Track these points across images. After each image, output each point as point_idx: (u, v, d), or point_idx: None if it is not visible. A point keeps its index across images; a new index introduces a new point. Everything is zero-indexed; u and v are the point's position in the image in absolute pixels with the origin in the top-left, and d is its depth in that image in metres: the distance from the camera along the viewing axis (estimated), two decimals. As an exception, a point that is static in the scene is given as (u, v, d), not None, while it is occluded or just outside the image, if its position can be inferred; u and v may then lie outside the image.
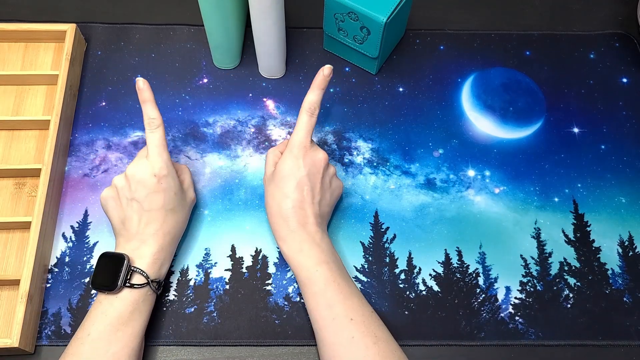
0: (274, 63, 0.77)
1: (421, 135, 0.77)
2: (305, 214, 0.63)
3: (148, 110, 0.63)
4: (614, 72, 0.81)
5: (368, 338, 0.57)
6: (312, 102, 0.65)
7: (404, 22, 0.80)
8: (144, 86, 0.64)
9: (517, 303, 0.68)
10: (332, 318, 0.58)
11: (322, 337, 0.59)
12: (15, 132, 0.75)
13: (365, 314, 0.59)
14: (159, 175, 0.62)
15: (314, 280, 0.60)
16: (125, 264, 0.59)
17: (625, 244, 0.71)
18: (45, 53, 0.80)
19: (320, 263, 0.60)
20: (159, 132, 0.63)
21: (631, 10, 0.87)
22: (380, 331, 0.58)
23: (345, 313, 0.58)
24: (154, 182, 0.62)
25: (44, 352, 0.64)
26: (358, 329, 0.57)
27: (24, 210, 0.70)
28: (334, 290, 0.59)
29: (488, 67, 0.82)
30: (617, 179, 0.74)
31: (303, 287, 0.61)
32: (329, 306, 0.59)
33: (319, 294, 0.59)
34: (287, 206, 0.63)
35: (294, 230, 0.62)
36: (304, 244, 0.62)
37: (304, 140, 0.65)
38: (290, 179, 0.64)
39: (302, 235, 0.62)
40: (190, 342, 0.65)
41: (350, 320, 0.58)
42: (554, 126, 0.78)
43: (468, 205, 0.73)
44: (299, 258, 0.61)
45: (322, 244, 0.62)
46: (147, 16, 0.84)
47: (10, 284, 0.66)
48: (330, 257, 0.62)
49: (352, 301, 0.59)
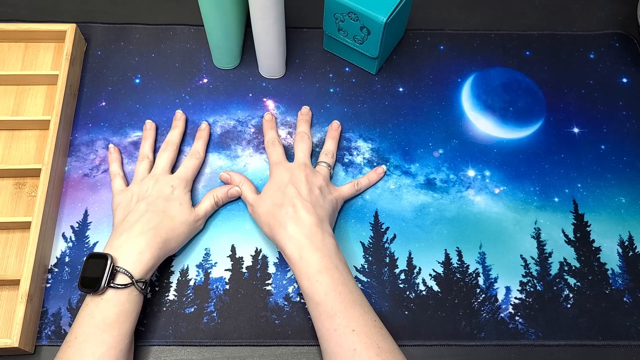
0: (274, 63, 0.77)
1: (421, 135, 0.77)
2: (299, 215, 0.62)
3: (199, 147, 0.73)
4: (614, 72, 0.81)
5: (371, 350, 0.56)
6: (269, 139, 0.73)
7: (404, 22, 0.80)
8: (205, 128, 0.75)
9: (517, 303, 0.68)
10: (334, 329, 0.57)
11: (324, 348, 0.58)
12: (15, 132, 0.75)
13: (367, 323, 0.57)
14: (175, 186, 0.67)
15: (315, 290, 0.59)
16: (108, 264, 0.58)
17: (625, 244, 0.71)
18: (45, 53, 0.80)
19: (322, 271, 0.59)
20: (196, 162, 0.72)
21: (631, 10, 0.87)
22: (383, 342, 0.57)
23: (346, 323, 0.57)
24: (169, 192, 0.66)
25: (44, 352, 0.64)
26: (360, 340, 0.56)
27: (24, 210, 0.70)
28: (335, 300, 0.58)
29: (488, 67, 0.82)
30: (617, 179, 0.74)
31: (305, 296, 0.60)
32: (330, 317, 0.57)
33: (321, 304, 0.58)
34: (281, 212, 0.63)
35: (292, 235, 0.61)
36: (303, 249, 0.60)
37: (281, 160, 0.70)
38: (277, 192, 0.65)
39: (301, 240, 0.61)
40: (190, 342, 0.65)
41: (352, 332, 0.56)
42: (554, 126, 0.78)
43: (468, 205, 0.73)
44: (299, 266, 0.60)
45: (323, 247, 0.61)
46: (147, 16, 0.84)
47: (10, 284, 0.66)
48: (333, 261, 0.60)
49: (354, 310, 0.58)
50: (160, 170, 0.69)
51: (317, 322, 0.59)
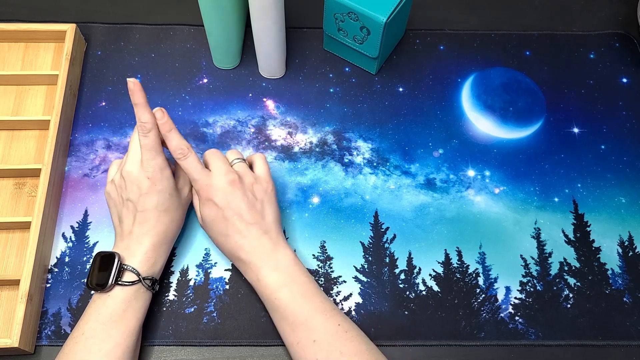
0: (274, 63, 0.77)
1: (421, 135, 0.77)
2: (241, 243, 0.61)
3: (140, 113, 0.61)
4: (614, 72, 0.81)
5: (332, 356, 0.56)
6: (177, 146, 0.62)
7: (404, 22, 0.80)
8: (134, 87, 0.61)
9: (517, 303, 0.68)
10: (297, 342, 0.58)
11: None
12: (15, 132, 0.75)
13: (329, 330, 0.57)
14: (152, 178, 0.62)
15: (276, 307, 0.59)
16: (116, 262, 0.59)
17: (625, 244, 0.71)
18: (45, 53, 0.80)
19: (280, 288, 0.59)
20: (152, 135, 0.61)
21: (631, 10, 0.87)
22: (347, 345, 0.57)
23: (308, 335, 0.57)
24: (148, 185, 0.62)
25: (44, 352, 0.64)
26: (322, 349, 0.56)
27: (24, 210, 0.70)
28: (296, 314, 0.58)
29: (488, 67, 0.82)
30: (617, 179, 0.74)
31: (270, 313, 0.61)
32: (293, 330, 0.58)
33: (282, 320, 0.59)
34: (228, 245, 0.62)
35: (246, 261, 0.61)
36: (260, 272, 0.60)
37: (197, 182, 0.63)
38: (218, 221, 0.62)
39: (255, 264, 0.60)
40: (190, 342, 0.65)
41: (313, 342, 0.57)
42: (554, 126, 0.78)
43: (468, 206, 0.73)
44: (258, 287, 0.61)
45: (278, 264, 0.60)
46: (147, 16, 0.84)
47: (10, 284, 0.66)
48: (290, 275, 0.60)
49: (314, 321, 0.58)
50: (128, 165, 0.64)
51: (282, 336, 0.60)
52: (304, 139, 0.76)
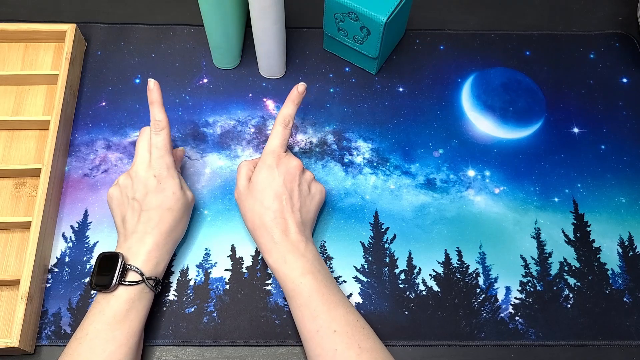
0: (274, 63, 0.77)
1: (421, 135, 0.77)
2: (287, 224, 0.63)
3: (155, 112, 0.65)
4: (614, 72, 0.81)
5: (352, 350, 0.56)
6: (286, 115, 0.66)
7: (404, 22, 0.80)
8: (154, 87, 0.65)
9: (517, 303, 0.68)
10: (317, 330, 0.58)
11: (307, 349, 0.59)
12: (15, 132, 0.75)
13: (350, 323, 0.58)
14: (159, 176, 0.63)
15: (299, 292, 0.59)
16: (119, 262, 0.59)
17: (625, 244, 0.71)
18: (45, 53, 0.80)
19: (305, 274, 0.60)
20: (163, 134, 0.64)
21: (631, 10, 0.87)
22: (365, 341, 0.57)
23: (328, 325, 0.58)
24: (155, 183, 0.63)
25: (44, 352, 0.64)
26: (342, 340, 0.57)
27: (24, 210, 0.70)
28: (318, 301, 0.59)
29: (488, 67, 0.82)
30: (617, 179, 0.74)
31: (289, 299, 0.61)
32: (313, 318, 0.58)
33: (304, 306, 0.59)
34: (269, 217, 0.63)
35: (278, 242, 0.62)
36: (288, 254, 0.61)
37: (277, 149, 0.66)
38: (267, 190, 0.64)
39: (286, 246, 0.62)
40: (190, 342, 0.65)
41: (334, 332, 0.57)
42: (554, 126, 0.78)
43: (468, 205, 0.73)
44: (284, 270, 0.61)
45: (306, 254, 0.62)
46: (147, 16, 0.84)
47: (10, 284, 0.66)
48: (316, 266, 0.61)
49: (336, 311, 0.59)
50: (136, 166, 0.65)
51: (300, 324, 0.60)
52: (304, 139, 0.76)
